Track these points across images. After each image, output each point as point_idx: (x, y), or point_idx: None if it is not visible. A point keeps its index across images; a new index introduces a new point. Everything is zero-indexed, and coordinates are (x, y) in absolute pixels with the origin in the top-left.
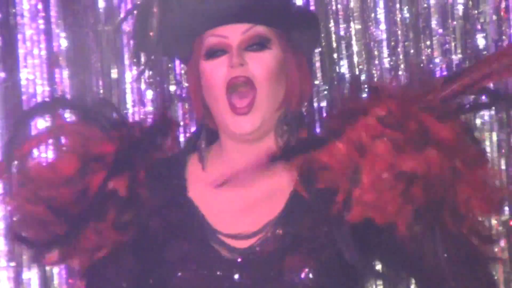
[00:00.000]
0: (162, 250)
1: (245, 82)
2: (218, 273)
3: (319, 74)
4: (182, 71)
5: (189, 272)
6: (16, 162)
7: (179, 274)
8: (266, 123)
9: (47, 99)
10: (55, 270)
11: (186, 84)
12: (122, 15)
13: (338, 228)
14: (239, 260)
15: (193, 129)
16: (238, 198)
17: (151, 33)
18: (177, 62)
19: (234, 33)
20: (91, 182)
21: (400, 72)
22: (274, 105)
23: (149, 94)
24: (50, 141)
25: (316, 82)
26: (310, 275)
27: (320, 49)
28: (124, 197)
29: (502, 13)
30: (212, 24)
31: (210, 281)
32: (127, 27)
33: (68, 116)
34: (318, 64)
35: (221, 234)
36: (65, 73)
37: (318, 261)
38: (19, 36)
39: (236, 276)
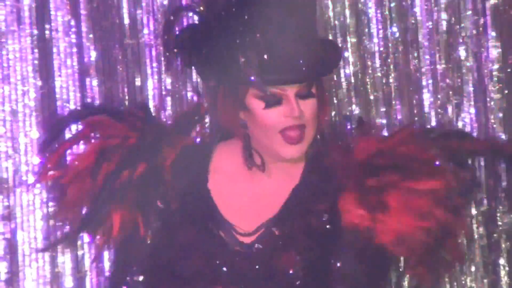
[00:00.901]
0: (175, 233)
1: (301, 126)
2: (218, 261)
3: None
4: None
5: (199, 257)
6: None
7: (192, 257)
8: (308, 147)
9: (78, 107)
10: (86, 254)
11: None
12: (146, 31)
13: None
14: (241, 251)
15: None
16: (249, 194)
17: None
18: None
19: (291, 88)
20: (105, 171)
21: (390, 80)
22: (315, 134)
23: (169, 100)
24: (81, 142)
25: None
26: (300, 272)
27: None
28: (143, 182)
29: (480, 29)
30: (274, 84)
31: (211, 267)
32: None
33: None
34: None
35: (230, 226)
36: (95, 81)
37: (308, 260)
38: (54, 49)
39: (237, 266)
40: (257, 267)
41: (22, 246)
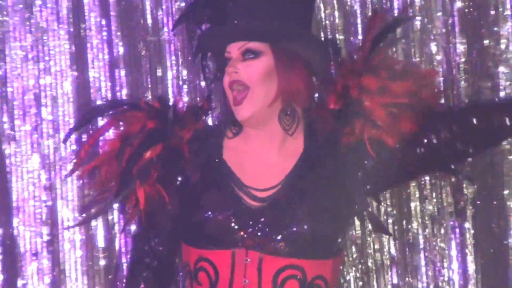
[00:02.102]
0: (199, 197)
1: (238, 83)
2: (243, 215)
3: None
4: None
5: (222, 214)
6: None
7: (216, 215)
8: (260, 112)
9: (103, 103)
10: (116, 219)
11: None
12: (166, 29)
13: (352, 180)
14: (258, 205)
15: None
16: (260, 160)
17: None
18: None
19: (233, 49)
20: (128, 153)
21: None
22: (265, 98)
23: (185, 88)
24: (107, 132)
25: None
26: (310, 221)
27: None
28: (163, 160)
29: (449, 27)
30: (223, 44)
31: (232, 221)
32: (167, 37)
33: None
34: None
35: (246, 186)
36: (122, 72)
37: (320, 207)
38: (88, 45)
39: (253, 220)
40: (269, 218)
41: (61, 213)
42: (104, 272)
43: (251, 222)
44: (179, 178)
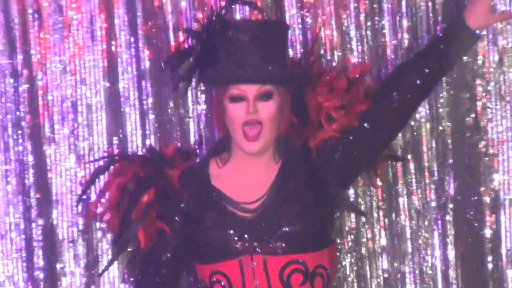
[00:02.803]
0: (198, 221)
1: (256, 122)
2: (239, 227)
3: None
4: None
5: (222, 229)
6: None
7: (216, 231)
8: (266, 145)
9: (100, 165)
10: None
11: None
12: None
13: (326, 176)
14: (250, 215)
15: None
16: (246, 179)
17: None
18: None
19: (250, 90)
20: (126, 201)
21: None
22: (274, 134)
23: (203, 97)
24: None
25: None
26: (300, 221)
27: None
28: (159, 200)
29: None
30: (238, 83)
31: (232, 234)
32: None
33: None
34: None
35: (236, 202)
36: (148, 83)
37: (304, 207)
38: (118, 59)
39: (248, 228)
40: (262, 224)
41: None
42: (131, 257)
43: (248, 231)
44: (176, 212)
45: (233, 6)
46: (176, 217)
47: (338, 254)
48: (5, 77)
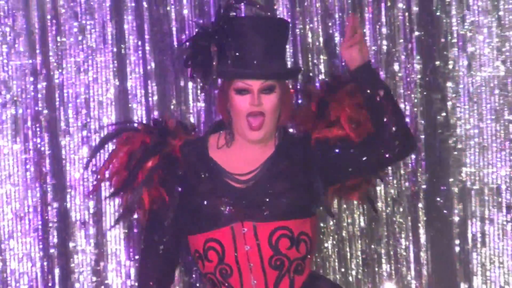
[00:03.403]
0: (195, 189)
1: (260, 113)
2: (232, 196)
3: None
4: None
5: (215, 198)
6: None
7: (210, 199)
8: (268, 134)
9: (111, 131)
10: None
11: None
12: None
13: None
14: (243, 187)
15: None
16: (240, 154)
17: (213, 71)
18: None
19: (255, 84)
20: (133, 165)
21: None
22: (274, 123)
23: (202, 95)
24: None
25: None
26: (288, 195)
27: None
28: (161, 168)
29: (408, 51)
30: (244, 78)
31: (224, 202)
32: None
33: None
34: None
35: (230, 173)
36: (154, 83)
37: (293, 184)
38: (127, 61)
39: (240, 197)
40: (253, 194)
41: (104, 191)
42: (137, 237)
43: (239, 200)
44: (176, 179)
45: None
46: (176, 185)
47: (321, 236)
48: (25, 76)
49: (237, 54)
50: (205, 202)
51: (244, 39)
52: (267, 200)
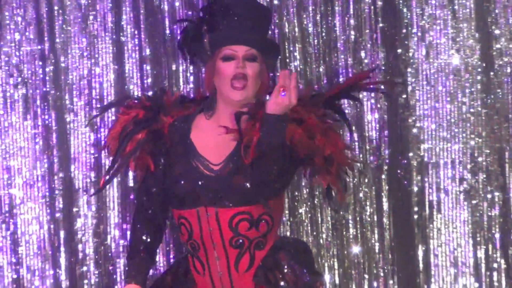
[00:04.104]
0: (173, 168)
1: (243, 76)
2: (200, 182)
3: None
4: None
5: (186, 181)
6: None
7: (182, 182)
8: (248, 97)
9: (114, 99)
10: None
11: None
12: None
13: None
14: (212, 175)
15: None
16: (216, 141)
17: (205, 43)
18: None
19: (241, 50)
20: (126, 134)
21: (320, 70)
22: (254, 90)
23: (191, 79)
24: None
25: None
26: (248, 185)
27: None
28: (148, 141)
29: (374, 40)
30: (231, 44)
31: (193, 187)
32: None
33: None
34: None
35: (205, 159)
36: (148, 67)
37: (256, 180)
38: (125, 47)
39: (210, 184)
40: (218, 183)
41: (104, 161)
42: (131, 204)
43: (206, 187)
44: (161, 154)
45: None
46: (161, 158)
47: (296, 204)
48: (35, 60)
49: (226, 24)
50: (177, 184)
51: (232, 13)
52: (230, 190)
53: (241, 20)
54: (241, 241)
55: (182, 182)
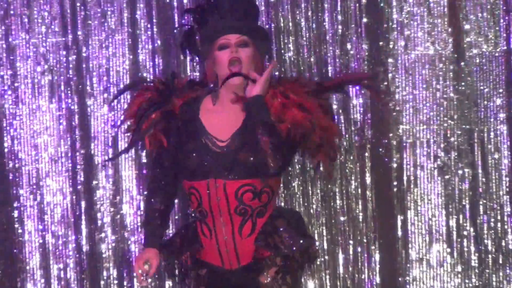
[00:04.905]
0: (184, 145)
1: (237, 60)
2: (209, 157)
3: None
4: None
5: (197, 156)
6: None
7: (193, 157)
8: (243, 82)
9: (130, 81)
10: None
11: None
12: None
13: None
14: (218, 151)
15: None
16: (222, 118)
17: (197, 42)
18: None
19: (233, 38)
20: (142, 113)
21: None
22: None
23: (198, 67)
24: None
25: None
26: (251, 159)
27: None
28: (162, 119)
29: (358, 34)
30: (224, 34)
31: (203, 161)
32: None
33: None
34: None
35: (212, 136)
36: (160, 56)
37: (259, 151)
38: (139, 39)
39: (217, 160)
40: (226, 158)
41: (121, 142)
42: (145, 177)
43: (215, 161)
44: (173, 132)
45: None
46: (173, 136)
47: (289, 178)
48: (59, 50)
49: (217, 17)
50: (189, 159)
51: (221, 6)
52: (237, 164)
53: (231, 11)
54: (245, 209)
55: (194, 157)
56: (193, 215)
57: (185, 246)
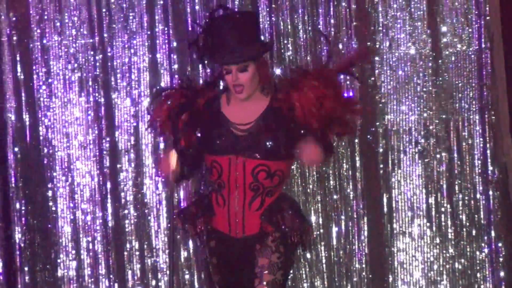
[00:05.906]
0: (210, 132)
1: (238, 85)
2: (231, 140)
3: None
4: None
5: (220, 140)
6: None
7: (217, 141)
8: (250, 94)
9: (158, 88)
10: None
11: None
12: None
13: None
14: (242, 134)
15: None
16: (242, 108)
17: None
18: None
19: (233, 67)
20: (173, 116)
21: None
22: (252, 88)
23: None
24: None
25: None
26: (270, 144)
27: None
28: (192, 117)
29: (349, 35)
30: (225, 64)
31: (227, 142)
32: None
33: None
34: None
35: (235, 123)
36: (175, 56)
37: (278, 137)
38: (157, 41)
39: (240, 142)
40: (247, 140)
41: (141, 129)
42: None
43: (237, 142)
44: (200, 126)
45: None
46: (200, 129)
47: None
48: (87, 50)
49: (219, 45)
50: (215, 142)
51: (219, 34)
52: (255, 146)
53: (227, 40)
54: (257, 186)
55: (218, 140)
56: (210, 188)
57: (200, 213)
